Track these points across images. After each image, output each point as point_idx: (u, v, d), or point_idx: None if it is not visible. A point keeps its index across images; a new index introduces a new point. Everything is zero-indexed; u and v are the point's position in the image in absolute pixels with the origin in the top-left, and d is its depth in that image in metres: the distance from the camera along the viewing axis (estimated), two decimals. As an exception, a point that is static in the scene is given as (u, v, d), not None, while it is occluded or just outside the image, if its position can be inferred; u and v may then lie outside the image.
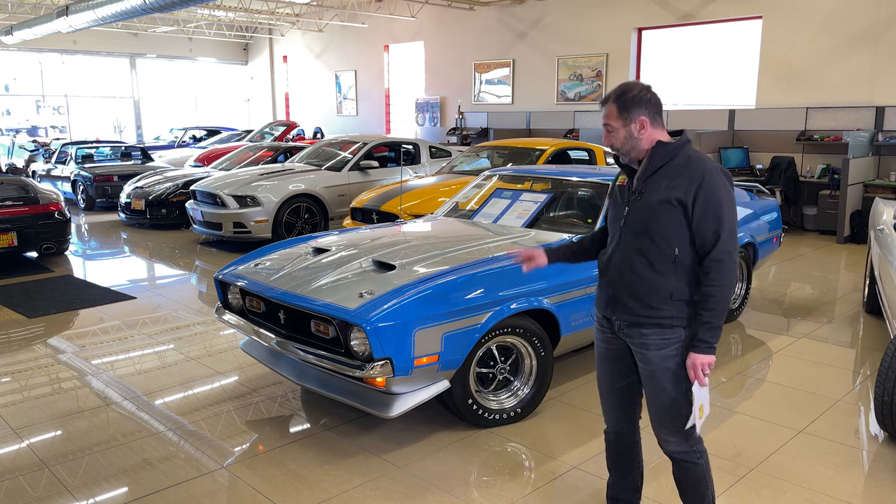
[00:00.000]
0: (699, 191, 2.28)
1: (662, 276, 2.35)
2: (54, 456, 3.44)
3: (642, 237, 2.37)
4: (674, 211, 2.31)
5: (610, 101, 2.37)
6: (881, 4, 9.36)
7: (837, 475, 3.20)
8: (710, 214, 2.29)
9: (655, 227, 2.34)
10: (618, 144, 2.39)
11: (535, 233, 4.35)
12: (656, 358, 2.39)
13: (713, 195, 2.29)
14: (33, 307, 6.09)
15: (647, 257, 2.36)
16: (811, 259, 8.08)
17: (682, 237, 2.33)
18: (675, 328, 2.36)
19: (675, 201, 2.30)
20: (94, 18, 12.48)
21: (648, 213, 2.35)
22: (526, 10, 13.85)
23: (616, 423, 2.65)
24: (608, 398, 2.63)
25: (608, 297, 2.48)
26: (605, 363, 2.59)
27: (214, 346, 5.06)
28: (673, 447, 2.45)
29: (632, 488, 2.73)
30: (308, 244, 4.30)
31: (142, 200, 10.12)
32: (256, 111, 22.48)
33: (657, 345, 2.38)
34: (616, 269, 2.44)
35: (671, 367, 2.38)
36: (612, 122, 2.37)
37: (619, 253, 2.43)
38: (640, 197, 2.37)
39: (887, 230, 5.03)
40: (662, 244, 2.34)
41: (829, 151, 9.95)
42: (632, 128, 2.35)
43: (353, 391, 3.48)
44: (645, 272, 2.36)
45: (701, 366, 2.31)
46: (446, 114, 15.81)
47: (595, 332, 2.63)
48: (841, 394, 4.15)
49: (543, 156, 7.92)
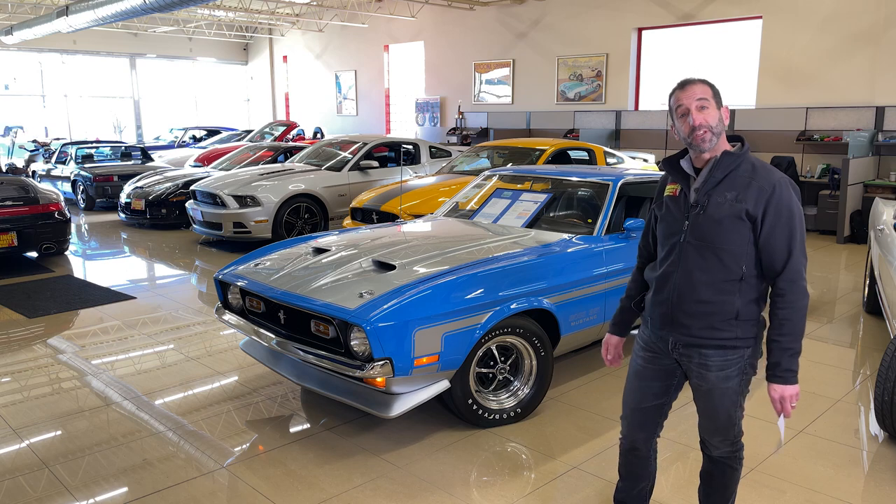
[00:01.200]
0: (769, 203, 2.14)
1: (728, 295, 2.20)
2: (54, 456, 3.44)
3: (707, 254, 2.20)
4: (742, 226, 2.15)
5: (699, 81, 2.21)
6: (881, 4, 9.37)
7: (837, 475, 3.20)
8: (781, 229, 2.14)
9: (722, 244, 2.18)
10: (714, 122, 2.18)
11: (535, 233, 4.35)
12: (716, 379, 2.27)
13: (785, 208, 2.14)
14: (33, 307, 6.09)
15: (712, 275, 2.20)
16: (811, 259, 8.08)
17: (750, 254, 2.18)
18: (738, 349, 2.24)
19: (744, 215, 2.15)
20: (94, 18, 12.49)
21: (715, 228, 2.18)
22: (526, 10, 13.85)
23: (634, 440, 2.53)
24: (633, 415, 2.50)
25: (663, 315, 2.31)
26: (640, 380, 2.45)
27: (214, 346, 5.06)
28: (719, 452, 2.41)
29: (640, 496, 2.65)
30: (308, 244, 4.29)
31: (142, 200, 10.12)
32: (256, 111, 22.49)
33: (718, 366, 2.26)
34: (675, 287, 2.26)
35: (732, 386, 2.27)
36: (708, 98, 2.18)
37: (678, 271, 2.25)
38: (704, 210, 2.20)
39: (887, 230, 5.03)
40: (730, 262, 2.18)
41: (829, 151, 9.96)
42: (722, 113, 2.21)
43: (353, 391, 3.48)
44: (708, 292, 2.20)
45: (790, 398, 2.19)
46: (446, 114, 15.82)
47: (637, 349, 2.47)
48: (841, 394, 4.15)
49: (543, 156, 7.92)
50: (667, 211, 2.33)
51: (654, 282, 2.36)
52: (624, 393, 2.54)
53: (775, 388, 2.20)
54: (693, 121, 2.17)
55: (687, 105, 2.19)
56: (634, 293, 2.54)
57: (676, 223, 2.28)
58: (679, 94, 2.21)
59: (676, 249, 2.26)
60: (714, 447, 2.41)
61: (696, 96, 2.18)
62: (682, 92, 2.20)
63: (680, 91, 2.22)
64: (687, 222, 2.24)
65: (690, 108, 2.18)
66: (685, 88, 2.20)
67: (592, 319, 4.05)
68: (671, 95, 2.26)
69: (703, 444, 2.45)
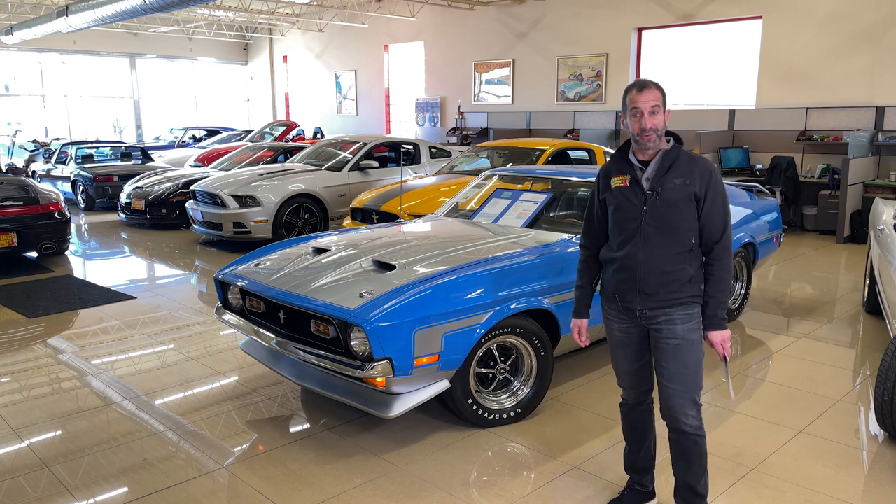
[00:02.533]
0: (709, 185, 2.54)
1: (683, 263, 2.57)
2: (54, 456, 3.44)
3: (665, 232, 2.56)
4: (691, 205, 2.55)
5: (653, 86, 2.51)
6: (881, 4, 9.36)
7: (837, 475, 3.20)
8: (718, 206, 2.55)
9: (677, 222, 2.55)
10: (660, 125, 2.50)
11: (535, 233, 4.35)
12: (682, 331, 2.60)
13: (720, 189, 2.56)
14: (33, 307, 6.09)
15: (670, 250, 2.57)
16: (811, 259, 8.08)
17: (695, 228, 2.57)
18: (694, 304, 2.61)
19: (692, 196, 2.53)
20: (94, 18, 12.48)
21: (672, 209, 2.54)
22: (526, 10, 13.85)
23: (635, 396, 2.85)
24: (628, 377, 2.83)
25: (629, 290, 2.63)
26: (625, 349, 2.78)
27: (214, 346, 5.06)
28: (692, 422, 2.64)
29: (647, 457, 2.92)
30: (308, 244, 4.30)
31: (142, 200, 10.12)
32: (256, 111, 22.48)
33: (683, 319, 2.59)
34: (641, 265, 2.59)
35: (695, 338, 2.61)
36: (660, 103, 2.50)
37: (641, 250, 2.58)
38: (659, 196, 2.55)
39: (887, 230, 5.03)
40: (683, 237, 2.56)
41: (829, 151, 9.95)
42: (665, 117, 2.53)
43: (353, 391, 3.48)
44: (670, 264, 2.57)
45: (727, 340, 2.60)
46: (446, 114, 15.82)
47: (609, 323, 2.80)
48: (841, 394, 4.15)
49: (543, 156, 7.92)
50: (621, 200, 2.63)
51: (617, 262, 2.66)
52: (613, 362, 2.88)
53: (715, 335, 2.61)
54: (645, 123, 2.50)
55: (641, 108, 2.50)
56: (589, 277, 2.87)
57: (634, 209, 2.60)
58: (636, 96, 2.51)
59: (639, 232, 2.59)
60: (688, 417, 2.64)
61: (650, 102, 2.49)
62: (640, 95, 2.51)
63: (637, 93, 2.51)
64: (645, 207, 2.58)
65: (644, 112, 2.49)
66: (643, 92, 2.50)
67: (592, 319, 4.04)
68: (627, 93, 2.55)
69: (674, 421, 2.67)
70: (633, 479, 2.97)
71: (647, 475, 2.94)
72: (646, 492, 2.95)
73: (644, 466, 2.92)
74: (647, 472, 2.94)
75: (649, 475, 2.94)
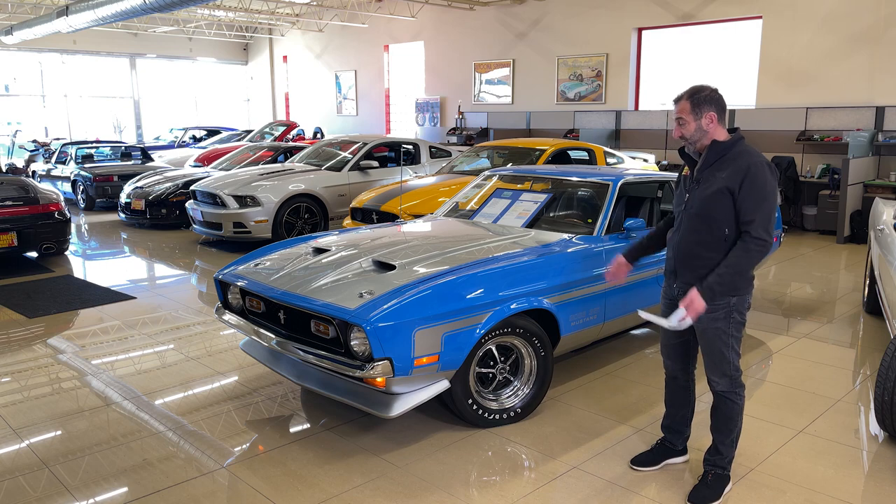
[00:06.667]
0: (745, 179, 2.72)
1: (715, 252, 2.80)
2: (54, 456, 3.44)
3: (699, 221, 2.83)
4: (725, 197, 2.75)
5: (683, 98, 2.81)
6: (881, 4, 9.36)
7: (837, 475, 3.20)
8: (750, 201, 2.72)
9: (710, 213, 2.79)
10: (688, 134, 2.82)
11: (535, 233, 4.35)
12: (706, 319, 2.85)
13: (756, 184, 2.72)
14: (33, 307, 6.09)
15: (702, 237, 2.82)
16: (811, 259, 8.08)
17: (731, 220, 2.77)
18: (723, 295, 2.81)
19: (725, 189, 2.74)
20: (94, 18, 12.48)
21: (707, 201, 2.79)
22: (526, 10, 13.85)
23: (672, 370, 3.17)
24: (666, 350, 3.16)
25: (671, 269, 2.99)
26: None
27: (214, 346, 5.06)
28: (720, 387, 2.93)
29: (682, 421, 3.24)
30: (308, 244, 4.29)
31: (142, 200, 10.12)
32: (256, 111, 22.48)
33: (708, 308, 2.80)
34: (678, 247, 2.92)
35: (720, 326, 2.85)
36: (684, 115, 2.81)
37: (679, 234, 2.92)
38: (699, 186, 2.84)
39: (887, 230, 5.03)
40: (715, 227, 2.79)
41: (829, 151, 9.95)
42: (702, 122, 2.79)
43: (353, 391, 3.48)
44: (699, 250, 2.84)
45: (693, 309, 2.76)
46: (446, 114, 15.82)
47: (662, 297, 3.13)
48: (841, 394, 4.15)
49: (543, 156, 7.92)
50: (680, 188, 3.00)
51: (669, 242, 3.02)
52: (660, 337, 3.20)
53: (691, 295, 2.77)
54: (674, 133, 2.88)
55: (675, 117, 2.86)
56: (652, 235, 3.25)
57: (682, 197, 2.95)
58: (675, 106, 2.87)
59: (681, 217, 2.92)
60: (716, 383, 2.93)
61: (677, 114, 2.83)
62: (675, 106, 2.86)
63: (674, 104, 2.87)
64: (688, 195, 2.89)
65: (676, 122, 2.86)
66: (676, 104, 2.84)
67: (592, 320, 4.05)
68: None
69: (709, 381, 2.96)
70: (665, 437, 3.29)
71: (678, 437, 3.25)
72: (674, 450, 3.26)
73: (677, 429, 3.24)
74: (678, 435, 3.25)
75: (680, 437, 3.25)
